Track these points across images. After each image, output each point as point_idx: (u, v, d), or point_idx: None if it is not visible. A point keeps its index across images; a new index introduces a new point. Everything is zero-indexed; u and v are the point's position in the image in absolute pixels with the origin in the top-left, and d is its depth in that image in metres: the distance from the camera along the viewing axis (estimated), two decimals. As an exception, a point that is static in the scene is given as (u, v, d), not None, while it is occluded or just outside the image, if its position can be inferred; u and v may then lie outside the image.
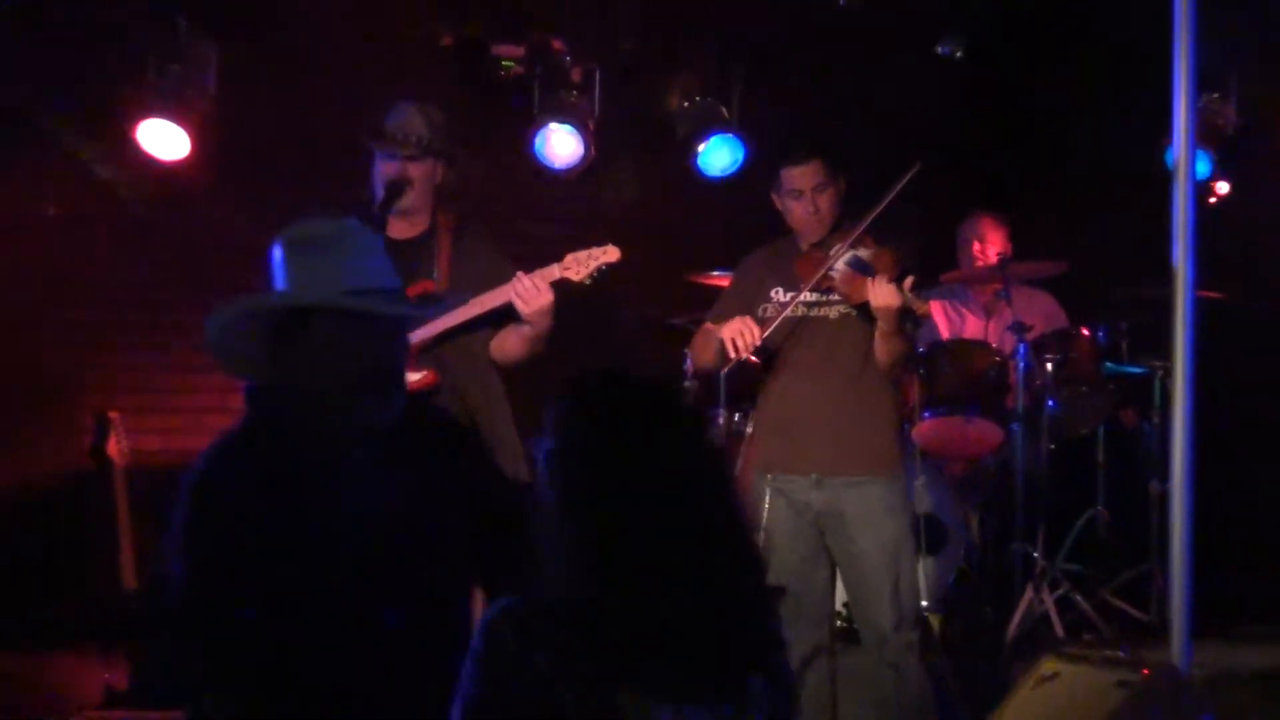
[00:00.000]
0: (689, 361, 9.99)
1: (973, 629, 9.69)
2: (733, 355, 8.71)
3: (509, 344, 8.81)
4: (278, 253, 4.99)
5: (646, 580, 3.88)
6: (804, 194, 8.94)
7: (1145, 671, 7.95)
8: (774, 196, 9.01)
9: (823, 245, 8.81)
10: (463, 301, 8.39)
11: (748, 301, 9.01)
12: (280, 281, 4.91)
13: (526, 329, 8.64)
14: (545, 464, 4.15)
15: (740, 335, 8.58)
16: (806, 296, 8.73)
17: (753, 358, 9.00)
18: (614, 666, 3.82)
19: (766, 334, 8.76)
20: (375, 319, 4.72)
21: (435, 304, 7.43)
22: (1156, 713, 7.88)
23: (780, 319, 8.77)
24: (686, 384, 10.19)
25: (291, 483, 4.65)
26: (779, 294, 8.86)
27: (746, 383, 9.26)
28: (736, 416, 10.05)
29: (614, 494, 3.90)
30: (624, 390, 4.38)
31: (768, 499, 8.81)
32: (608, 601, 3.87)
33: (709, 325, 9.14)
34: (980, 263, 10.38)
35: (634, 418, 4.16)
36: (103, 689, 10.06)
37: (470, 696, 3.93)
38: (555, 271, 8.62)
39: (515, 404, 8.88)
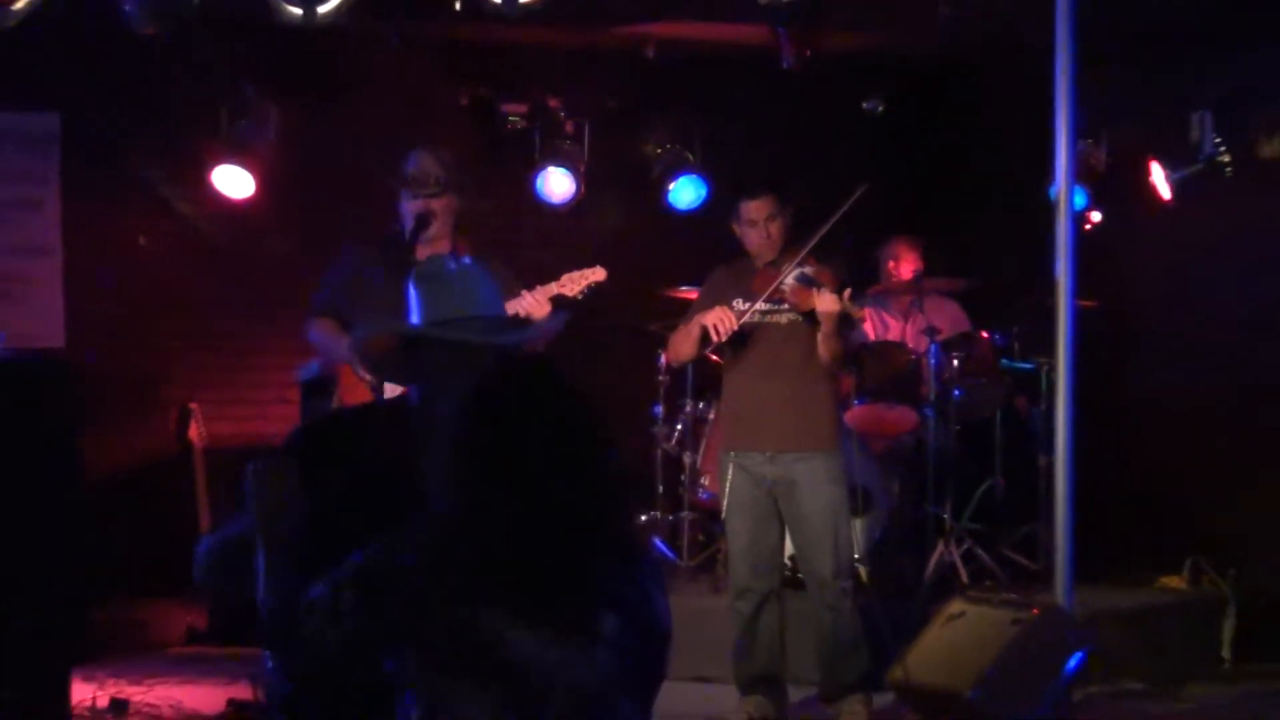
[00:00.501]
0: (663, 359, 10.08)
1: (895, 577, 9.70)
2: (715, 338, 8.83)
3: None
4: (412, 283, 4.69)
5: (507, 522, 3.78)
6: (758, 223, 9.07)
7: (1035, 611, 8.08)
8: (733, 225, 9.11)
9: (774, 264, 8.94)
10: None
11: (717, 308, 9.22)
12: (414, 308, 4.64)
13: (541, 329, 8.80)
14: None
15: (720, 321, 8.69)
16: (762, 306, 8.84)
17: (714, 356, 9.18)
18: (476, 590, 3.70)
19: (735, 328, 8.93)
20: (463, 345, 4.46)
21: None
22: (1045, 645, 8.00)
23: (755, 325, 8.91)
24: (660, 378, 10.31)
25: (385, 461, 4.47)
26: (739, 304, 8.94)
27: (710, 378, 9.44)
28: (701, 405, 10.14)
29: (487, 446, 3.81)
30: (501, 370, 4.37)
31: (730, 472, 8.93)
32: (476, 534, 3.78)
33: (684, 325, 9.31)
34: (896, 279, 10.42)
35: (504, 390, 4.01)
36: (186, 629, 10.14)
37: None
38: (553, 288, 8.71)
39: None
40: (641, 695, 4.03)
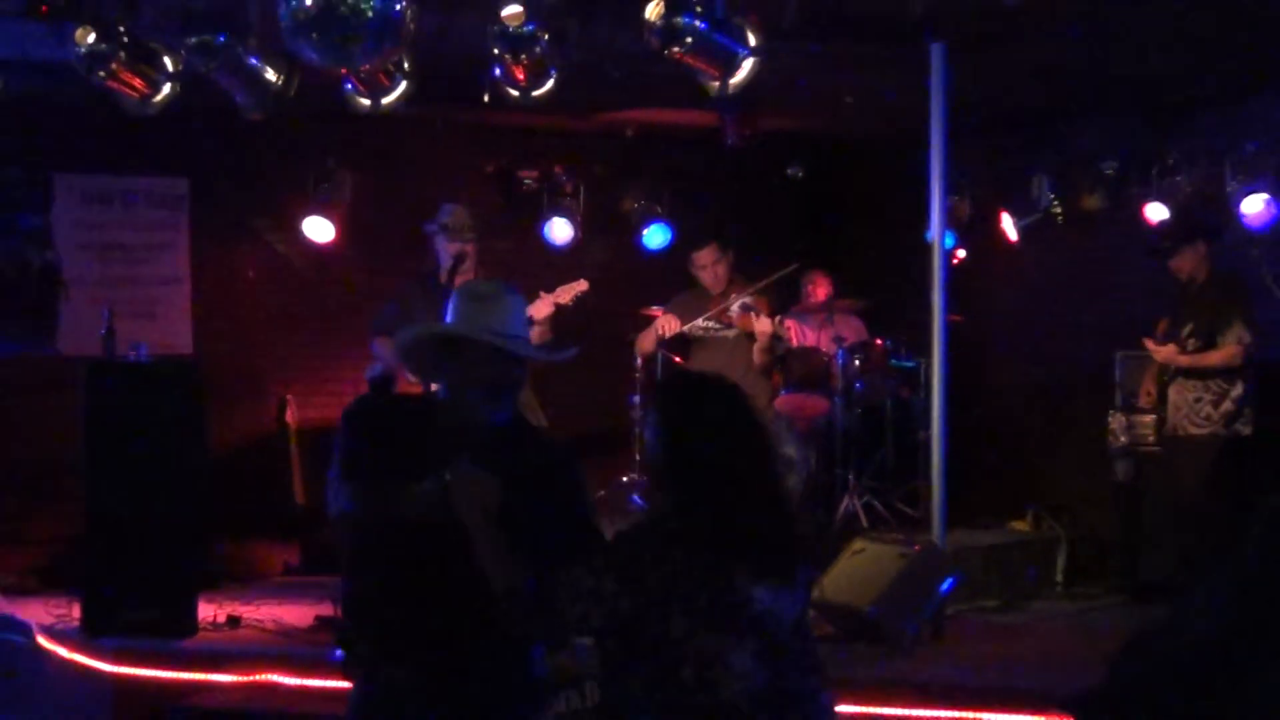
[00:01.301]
0: (638, 358, 10.04)
1: (812, 522, 9.70)
2: (660, 334, 9.41)
3: (536, 337, 8.95)
4: (455, 296, 4.48)
5: (732, 501, 3.72)
6: (707, 266, 9.26)
7: (917, 548, 8.15)
8: (691, 268, 9.31)
9: (723, 295, 9.12)
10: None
11: (679, 328, 9.36)
12: (451, 316, 4.41)
13: (539, 333, 8.79)
14: (653, 433, 3.95)
15: (666, 324, 9.29)
16: (714, 325, 9.00)
17: (677, 358, 9.25)
18: (726, 560, 3.65)
19: (690, 333, 9.32)
20: (505, 351, 4.26)
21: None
22: (924, 573, 8.05)
23: (708, 340, 9.31)
24: (636, 375, 10.18)
25: (424, 442, 4.26)
26: (699, 323, 9.26)
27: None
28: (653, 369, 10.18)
29: (698, 450, 3.76)
30: (695, 384, 4.28)
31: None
32: (710, 516, 3.70)
33: (646, 331, 9.60)
34: (813, 300, 10.43)
35: (703, 400, 3.97)
36: (283, 563, 10.15)
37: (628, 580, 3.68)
38: (552, 297, 8.84)
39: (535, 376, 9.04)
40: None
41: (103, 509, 8.12)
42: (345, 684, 4.57)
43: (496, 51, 6.80)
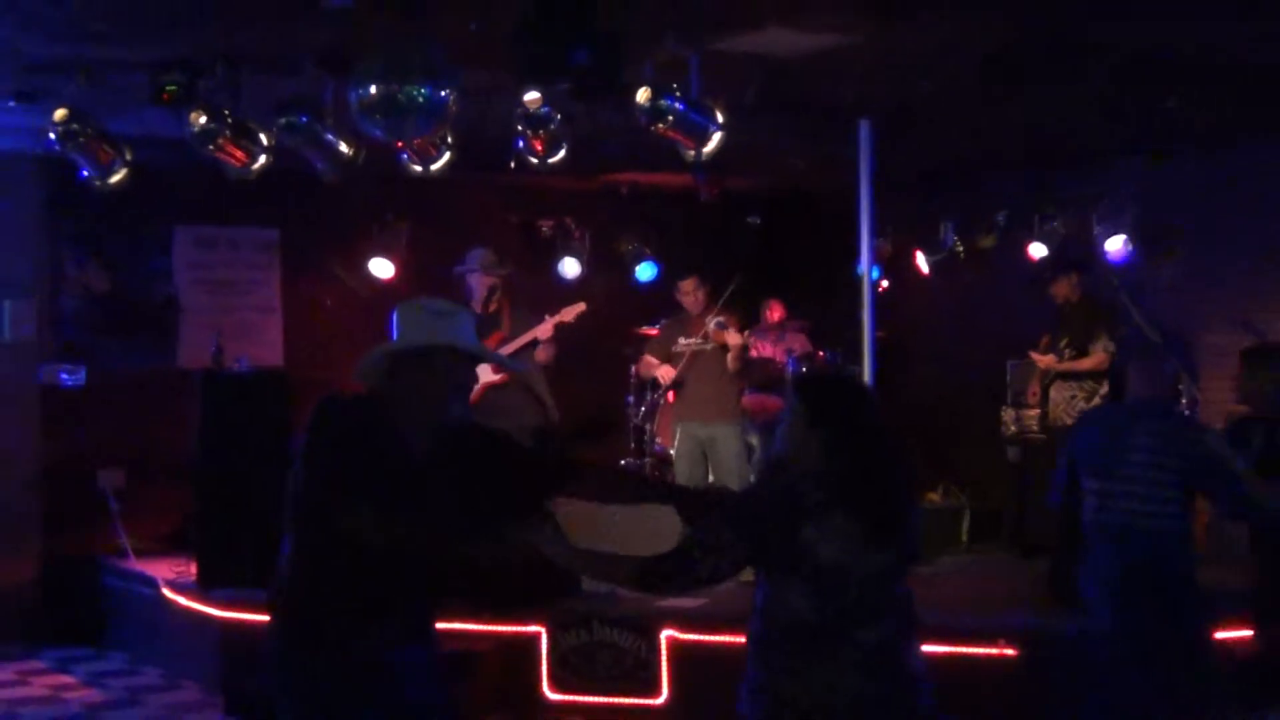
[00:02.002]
0: (633, 370, 9.93)
1: None
2: (662, 384, 9.31)
3: (541, 354, 8.93)
4: (418, 313, 4.03)
5: (856, 464, 3.66)
6: (689, 293, 9.28)
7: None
8: (674, 294, 9.32)
9: (702, 316, 9.13)
10: (522, 366, 8.55)
11: (666, 344, 9.35)
12: (414, 330, 3.99)
13: (548, 347, 8.86)
14: (795, 413, 3.82)
15: (665, 376, 9.22)
16: (696, 342, 9.05)
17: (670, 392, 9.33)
18: (798, 517, 3.56)
19: (678, 367, 9.16)
20: (466, 357, 3.99)
21: (496, 356, 6.55)
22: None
23: (687, 353, 9.14)
24: (630, 380, 10.09)
25: (392, 440, 3.87)
26: (683, 340, 9.19)
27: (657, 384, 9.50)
28: (652, 396, 10.08)
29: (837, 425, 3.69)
30: (829, 379, 4.25)
31: (678, 434, 9.21)
32: (840, 474, 3.63)
33: (648, 357, 9.49)
34: (770, 320, 10.36)
35: (835, 391, 3.95)
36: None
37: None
38: (556, 318, 8.88)
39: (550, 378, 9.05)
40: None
41: (212, 488, 8.18)
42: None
43: (520, 128, 6.85)
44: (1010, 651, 6.92)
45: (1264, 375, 5.56)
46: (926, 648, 6.83)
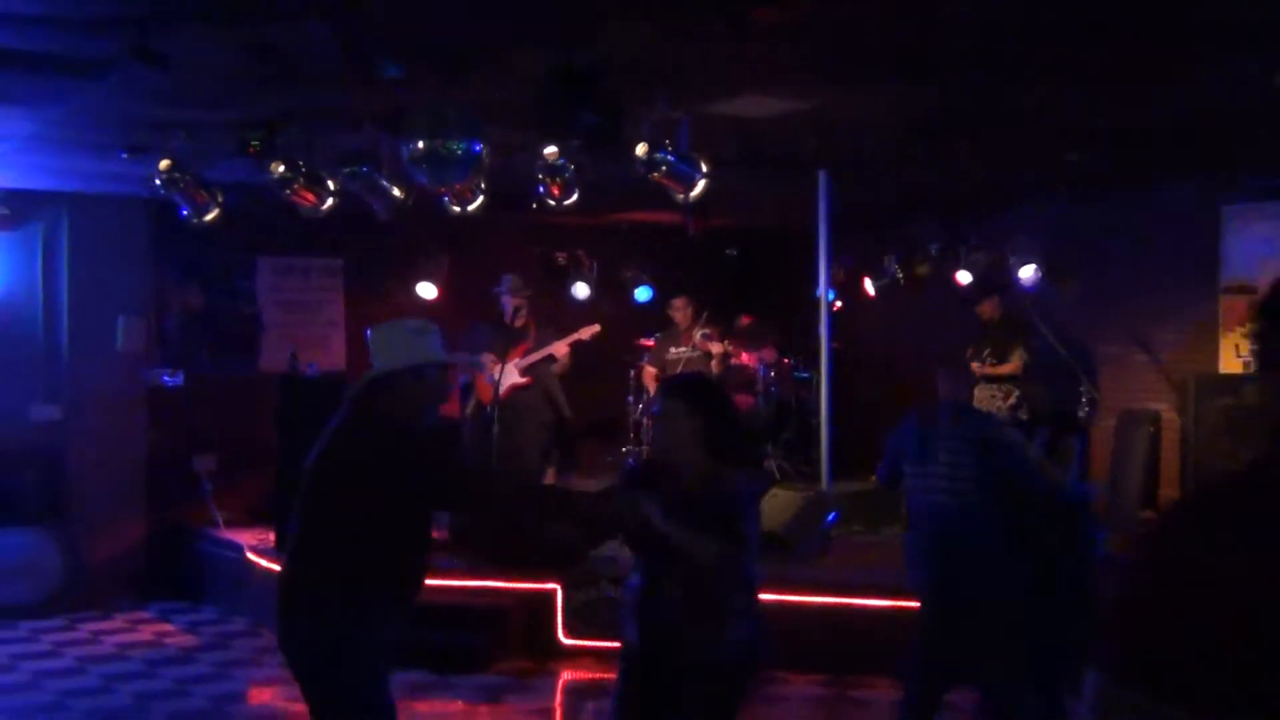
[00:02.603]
0: (634, 376, 10.01)
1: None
2: (650, 390, 9.32)
3: (558, 367, 8.96)
4: (399, 330, 3.92)
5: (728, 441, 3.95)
6: (680, 309, 9.25)
7: (811, 492, 8.14)
8: (667, 311, 9.31)
9: (690, 330, 9.13)
10: (476, 359, 8.49)
11: (661, 352, 9.40)
12: (400, 347, 3.84)
13: (564, 360, 8.84)
14: (673, 412, 3.86)
15: (653, 383, 9.25)
16: (686, 350, 9.06)
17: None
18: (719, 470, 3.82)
19: (671, 358, 9.22)
20: (449, 370, 3.91)
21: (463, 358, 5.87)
22: (816, 509, 8.02)
23: (681, 360, 9.16)
24: (630, 382, 10.16)
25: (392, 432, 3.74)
26: (675, 349, 9.21)
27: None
28: (650, 395, 10.16)
29: None
30: (696, 380, 4.49)
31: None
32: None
33: (648, 367, 9.55)
34: (744, 334, 10.49)
35: (704, 387, 4.18)
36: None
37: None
38: (573, 336, 8.93)
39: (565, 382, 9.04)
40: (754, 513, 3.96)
41: (287, 470, 8.10)
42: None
43: (540, 176, 6.85)
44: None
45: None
46: (875, 602, 6.92)
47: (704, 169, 6.26)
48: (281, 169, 6.68)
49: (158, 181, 7.03)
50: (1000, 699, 4.92)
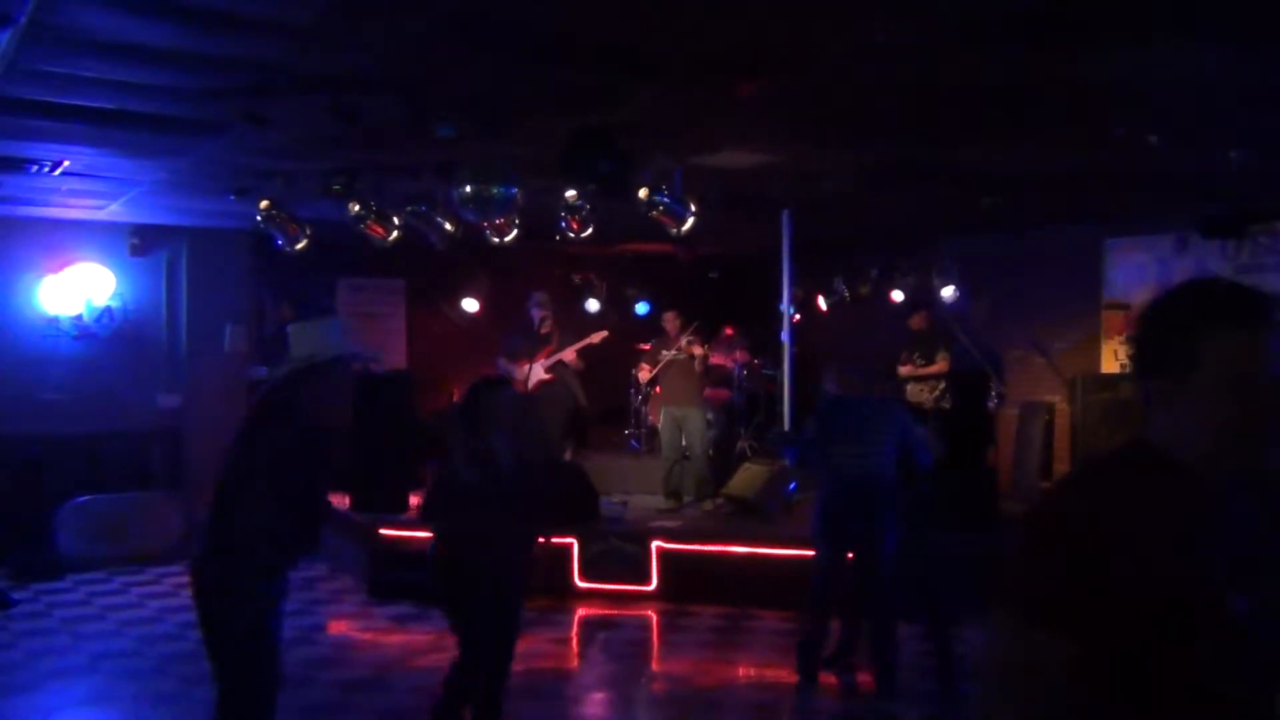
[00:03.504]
0: (635, 375, 9.91)
1: (720, 454, 9.70)
2: (644, 381, 9.25)
3: (575, 364, 8.95)
4: (334, 326, 3.68)
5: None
6: (670, 322, 9.20)
7: (777, 466, 8.11)
8: (661, 324, 9.27)
9: (678, 337, 9.06)
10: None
11: (655, 354, 9.33)
12: (317, 340, 3.64)
13: (577, 359, 8.83)
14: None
15: (643, 376, 9.18)
16: (675, 353, 8.99)
17: (657, 389, 9.25)
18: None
19: (659, 370, 9.07)
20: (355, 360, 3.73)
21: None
22: (780, 480, 8.01)
23: (667, 360, 9.03)
24: (630, 379, 10.12)
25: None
26: (665, 352, 9.11)
27: (656, 384, 9.46)
28: (647, 388, 10.15)
29: None
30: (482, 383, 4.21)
31: (663, 415, 9.00)
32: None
33: (644, 365, 9.41)
34: (722, 339, 10.42)
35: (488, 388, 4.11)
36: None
37: None
38: (582, 343, 8.91)
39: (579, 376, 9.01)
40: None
41: (359, 450, 8.12)
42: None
43: (562, 213, 6.86)
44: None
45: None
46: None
47: (693, 208, 6.29)
48: (357, 208, 6.69)
49: (259, 218, 7.05)
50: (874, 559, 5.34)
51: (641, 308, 11.09)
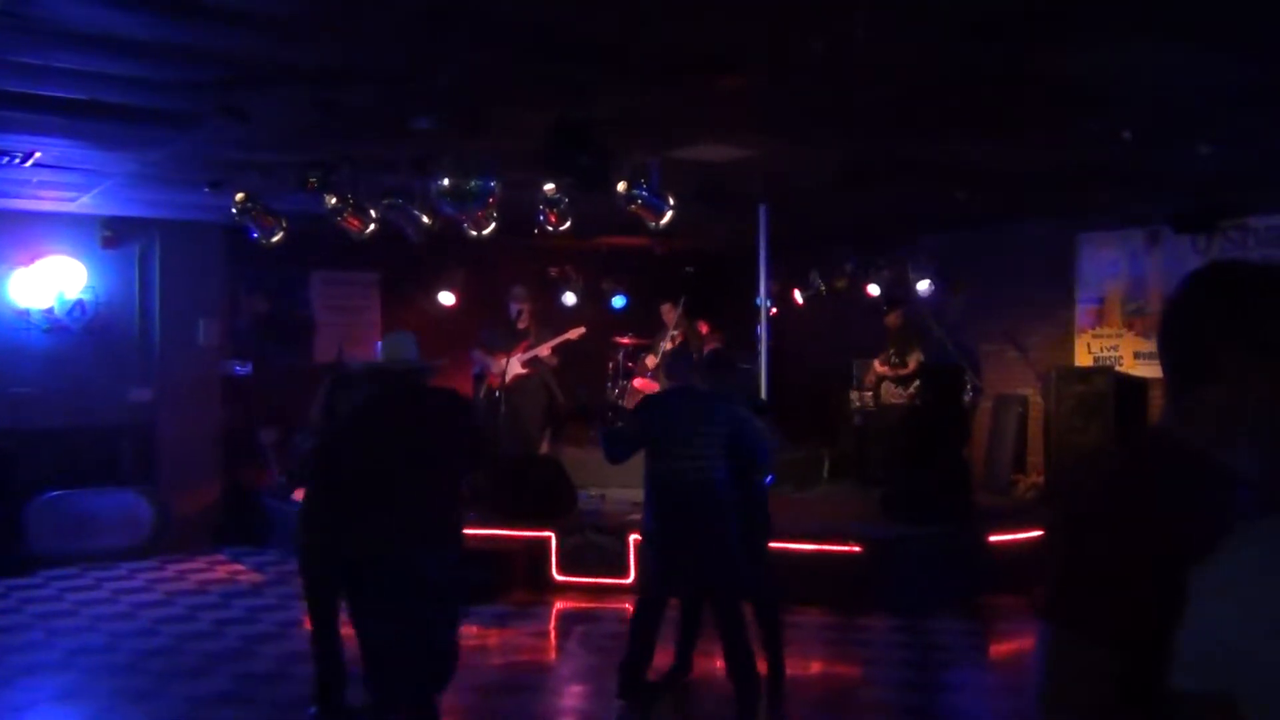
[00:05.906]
0: (610, 366, 9.99)
1: None
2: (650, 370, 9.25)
3: (550, 360, 8.96)
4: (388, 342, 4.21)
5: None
6: (668, 311, 9.25)
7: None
8: (660, 313, 9.30)
9: (675, 327, 9.09)
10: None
11: (657, 345, 9.40)
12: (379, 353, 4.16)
13: (553, 354, 8.86)
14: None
15: (645, 386, 9.17)
16: (667, 343, 9.01)
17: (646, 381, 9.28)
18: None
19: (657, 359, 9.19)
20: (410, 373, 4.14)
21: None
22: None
23: (664, 349, 9.17)
24: (608, 371, 10.27)
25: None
26: (662, 342, 9.15)
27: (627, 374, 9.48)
28: (623, 381, 10.15)
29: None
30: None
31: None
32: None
33: (650, 355, 9.50)
34: (702, 332, 10.50)
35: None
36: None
37: None
38: (559, 339, 8.93)
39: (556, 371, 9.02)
40: None
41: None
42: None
43: (540, 207, 6.86)
44: (857, 548, 7.01)
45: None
46: (803, 547, 6.97)
47: (670, 202, 6.31)
48: (334, 201, 6.65)
49: (234, 210, 7.00)
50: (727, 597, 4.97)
51: (618, 301, 11.10)
